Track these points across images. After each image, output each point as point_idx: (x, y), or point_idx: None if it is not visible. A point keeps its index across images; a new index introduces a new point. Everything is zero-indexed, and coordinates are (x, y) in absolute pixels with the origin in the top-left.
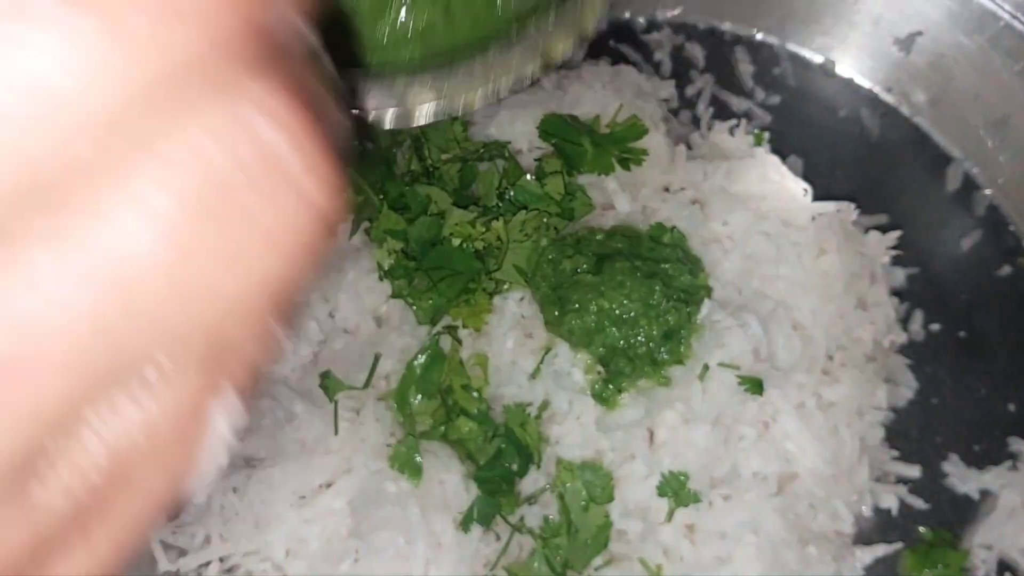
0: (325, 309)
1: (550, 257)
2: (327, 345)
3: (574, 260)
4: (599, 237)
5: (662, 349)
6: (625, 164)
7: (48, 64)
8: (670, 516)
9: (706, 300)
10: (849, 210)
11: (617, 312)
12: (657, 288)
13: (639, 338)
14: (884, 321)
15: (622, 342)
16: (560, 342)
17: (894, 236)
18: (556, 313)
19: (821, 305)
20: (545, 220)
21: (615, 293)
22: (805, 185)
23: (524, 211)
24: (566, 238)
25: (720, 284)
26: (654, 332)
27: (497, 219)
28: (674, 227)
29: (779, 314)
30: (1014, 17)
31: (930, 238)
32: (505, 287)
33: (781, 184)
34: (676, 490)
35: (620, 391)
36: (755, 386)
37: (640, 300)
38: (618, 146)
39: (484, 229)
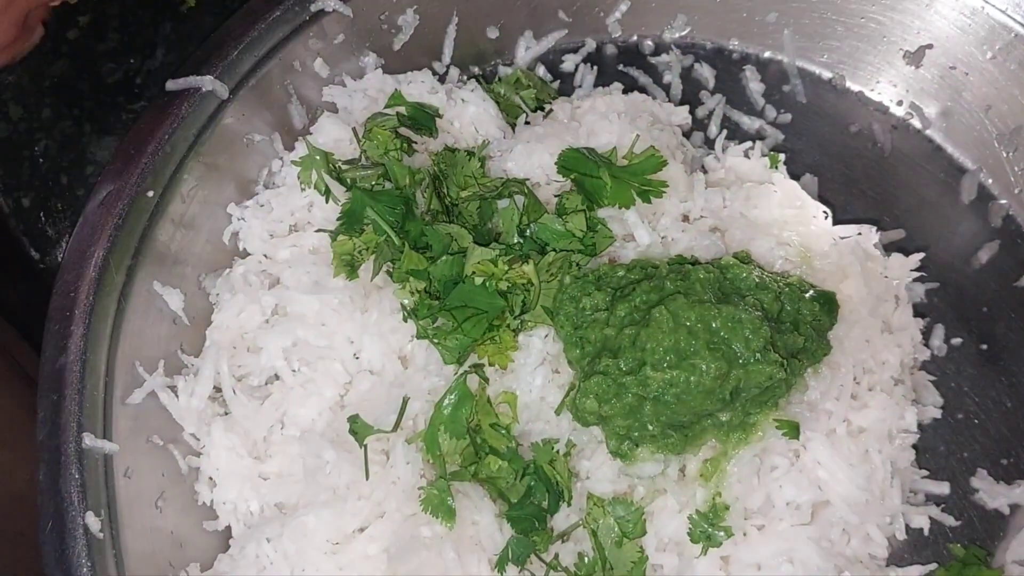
0: (350, 351)
1: (573, 295)
2: (353, 387)
3: (594, 298)
4: (620, 273)
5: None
6: (645, 196)
7: None
8: (705, 550)
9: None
10: (870, 233)
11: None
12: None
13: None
14: (910, 343)
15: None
16: None
17: (917, 258)
18: (577, 352)
19: (846, 330)
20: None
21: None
22: (824, 208)
23: (553, 252)
24: (588, 274)
25: None
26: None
27: (526, 261)
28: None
29: None
30: None
31: (948, 252)
32: (530, 324)
33: (801, 209)
34: (709, 526)
35: (638, 445)
36: (792, 430)
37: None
38: (637, 178)
39: (507, 268)
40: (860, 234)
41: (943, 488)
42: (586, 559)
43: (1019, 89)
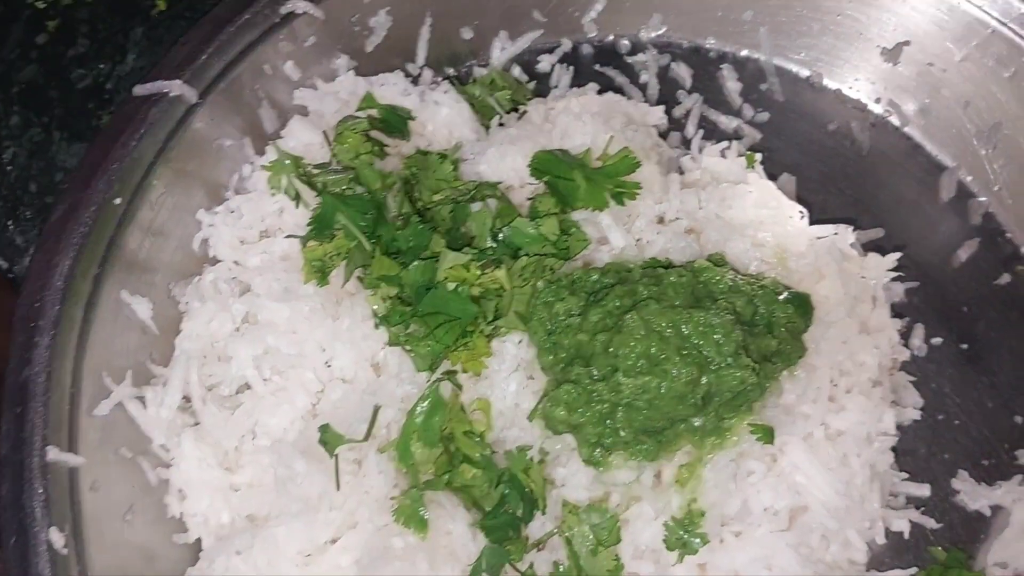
0: (322, 359)
1: (546, 300)
2: (325, 395)
3: (567, 303)
4: (594, 277)
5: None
6: (619, 199)
7: None
8: (681, 557)
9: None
10: (846, 232)
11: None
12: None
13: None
14: (888, 344)
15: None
16: None
17: (894, 258)
18: (550, 358)
19: (822, 332)
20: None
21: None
22: (801, 208)
23: (526, 257)
24: (561, 279)
25: None
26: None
27: (498, 266)
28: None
29: None
30: (1002, 24)
31: (927, 250)
32: (503, 330)
33: (777, 209)
34: (685, 533)
35: (610, 452)
36: (766, 434)
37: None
38: (611, 180)
39: (480, 273)
40: (836, 234)
41: (924, 490)
42: (561, 568)
43: (996, 85)
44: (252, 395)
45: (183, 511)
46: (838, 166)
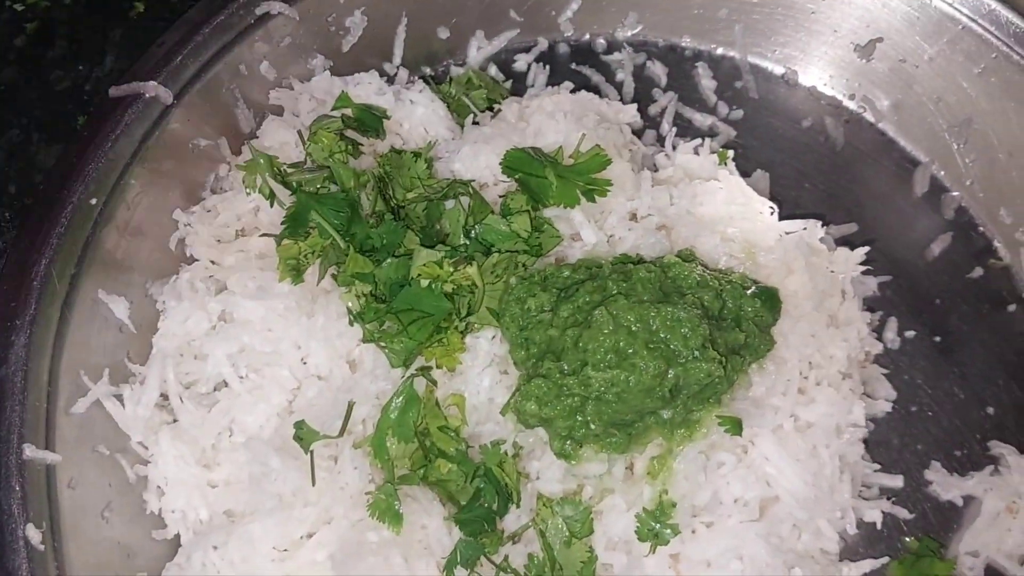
0: (297, 356)
1: (518, 296)
2: (301, 392)
3: (539, 299)
4: (565, 273)
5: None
6: (590, 196)
7: None
8: (654, 548)
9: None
10: (815, 227)
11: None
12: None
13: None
14: (857, 337)
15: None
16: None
17: (862, 252)
18: (522, 353)
19: (791, 325)
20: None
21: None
22: (771, 204)
23: (497, 254)
24: (534, 275)
25: None
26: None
27: (470, 263)
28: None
29: None
30: (972, 20)
31: (901, 244)
32: (477, 326)
33: (747, 205)
34: (656, 524)
35: (581, 445)
36: (734, 426)
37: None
38: (582, 178)
39: (452, 270)
40: (805, 229)
41: (897, 481)
42: (536, 560)
43: (967, 81)
44: (229, 393)
45: (161, 507)
46: (812, 162)
